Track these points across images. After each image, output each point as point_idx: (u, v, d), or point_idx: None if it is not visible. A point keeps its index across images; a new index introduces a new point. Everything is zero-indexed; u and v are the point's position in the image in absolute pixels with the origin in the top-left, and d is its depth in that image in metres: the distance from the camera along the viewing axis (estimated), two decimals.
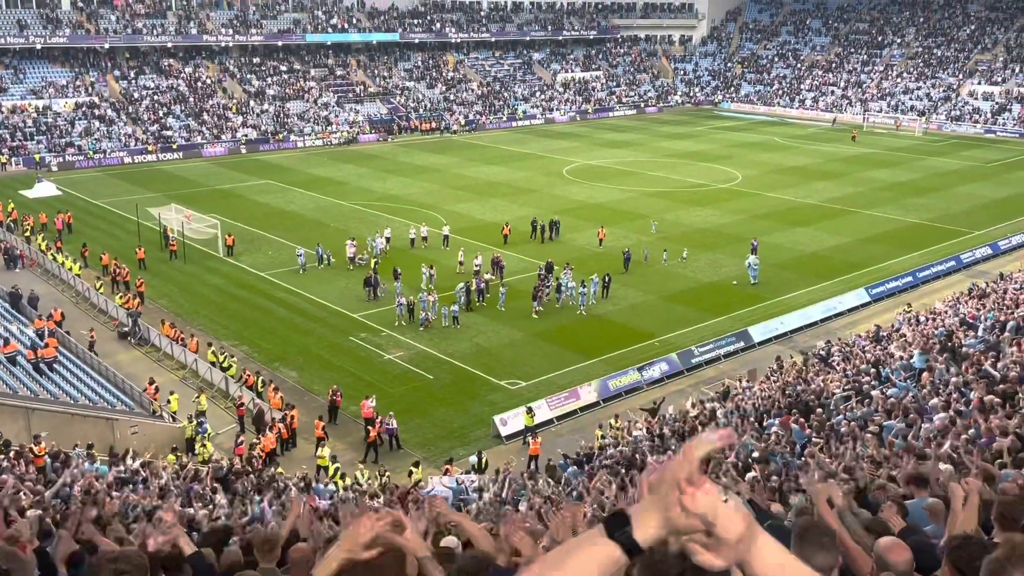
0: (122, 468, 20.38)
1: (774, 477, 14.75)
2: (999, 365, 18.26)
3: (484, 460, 24.04)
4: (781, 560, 1.78)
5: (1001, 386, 16.25)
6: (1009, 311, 24.98)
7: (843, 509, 5.59)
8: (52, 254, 41.43)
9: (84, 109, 70.94)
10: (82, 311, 36.31)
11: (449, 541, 6.75)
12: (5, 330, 29.74)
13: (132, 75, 77.35)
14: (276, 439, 25.34)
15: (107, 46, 76.53)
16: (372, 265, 38.81)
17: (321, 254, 40.61)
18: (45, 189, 55.13)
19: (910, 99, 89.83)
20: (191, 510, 14.80)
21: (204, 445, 24.66)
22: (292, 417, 26.21)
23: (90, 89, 73.74)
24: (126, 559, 4.25)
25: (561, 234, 45.03)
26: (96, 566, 4.32)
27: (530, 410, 26.79)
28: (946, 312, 28.81)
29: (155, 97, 75.37)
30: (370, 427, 25.57)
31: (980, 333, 22.83)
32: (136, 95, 75.07)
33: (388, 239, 43.03)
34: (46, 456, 20.67)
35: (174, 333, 32.24)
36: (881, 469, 12.03)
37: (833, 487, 4.72)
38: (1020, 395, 14.69)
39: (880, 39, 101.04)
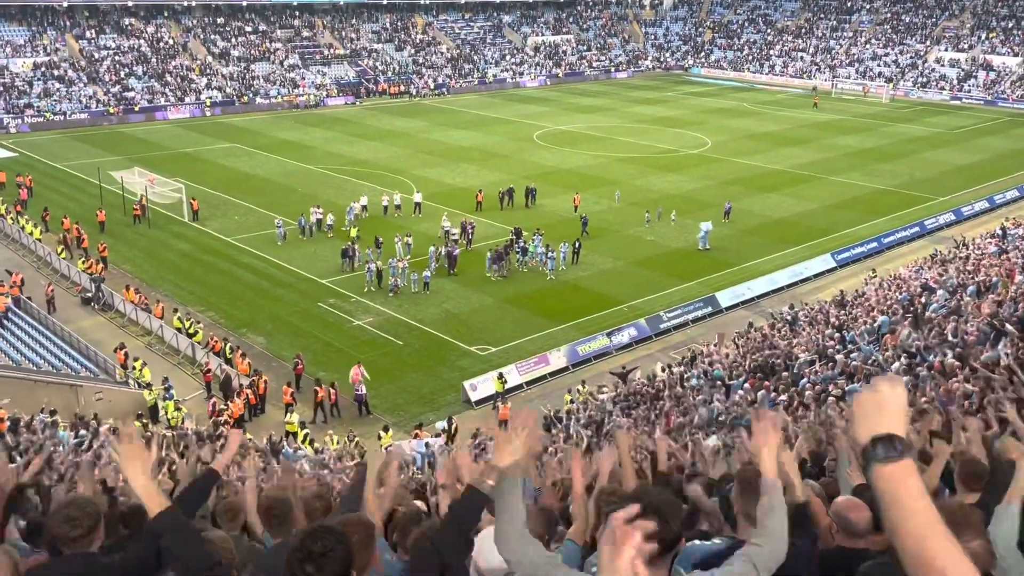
0: (86, 434, 20.18)
1: (737, 440, 14.95)
2: (959, 329, 18.58)
3: (455, 426, 24.12)
4: None
5: (959, 350, 16.56)
6: (970, 276, 25.40)
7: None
8: (12, 218, 40.57)
9: (43, 69, 69.12)
10: (44, 276, 35.66)
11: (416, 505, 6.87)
12: None
13: (92, 34, 75.38)
14: (244, 405, 25.22)
15: (65, 4, 74.38)
16: (352, 235, 38.08)
17: (303, 224, 39.46)
18: None
19: (878, 65, 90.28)
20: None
21: (177, 410, 24.46)
22: (265, 383, 26.09)
23: (48, 48, 71.80)
24: (78, 505, 4.25)
25: (536, 200, 44.76)
26: (52, 512, 4.31)
27: (501, 376, 26.89)
28: (910, 277, 29.24)
29: (116, 57, 73.59)
30: (318, 387, 25.70)
31: (940, 298, 23.20)
32: (96, 55, 73.23)
33: (364, 207, 42.04)
34: (8, 422, 20.39)
35: (139, 299, 31.80)
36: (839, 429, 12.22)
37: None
38: (975, 358, 14.96)
39: (849, 5, 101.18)
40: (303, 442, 23.05)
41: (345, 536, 3.17)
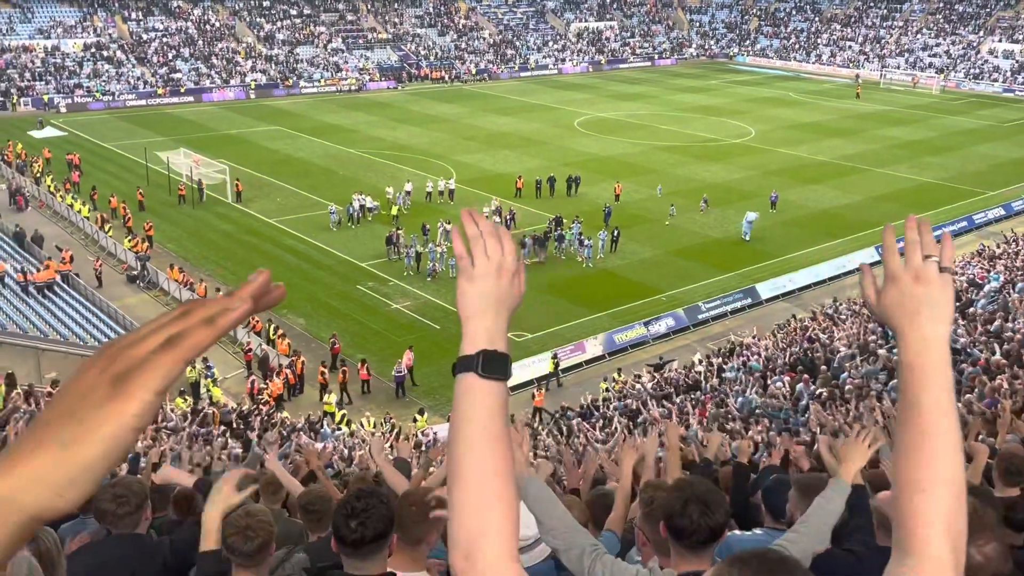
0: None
1: (772, 433, 14.84)
2: (1007, 326, 18.21)
3: None
4: None
5: (1007, 346, 16.24)
6: (1019, 272, 24.85)
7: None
8: (61, 195, 41.45)
9: (93, 50, 70.34)
10: (91, 253, 36.39)
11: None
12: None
13: (141, 16, 76.51)
14: (283, 384, 25.59)
15: None
16: (393, 212, 38.16)
17: (351, 212, 39.20)
18: (48, 132, 55.17)
19: (929, 56, 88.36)
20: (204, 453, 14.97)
21: (210, 389, 24.91)
22: (303, 363, 26.45)
23: (99, 30, 73.03)
24: (125, 484, 4.34)
25: (579, 189, 44.45)
26: (100, 490, 4.40)
27: (555, 356, 27.34)
28: (956, 272, 28.64)
29: (164, 40, 74.64)
30: (339, 369, 26.23)
31: (989, 293, 22.74)
32: (145, 37, 74.33)
33: (409, 192, 41.57)
34: None
35: (182, 278, 32.36)
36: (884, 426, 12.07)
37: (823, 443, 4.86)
38: None
39: None
40: (340, 422, 23.34)
41: (387, 497, 3.39)
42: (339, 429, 22.39)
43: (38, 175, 44.89)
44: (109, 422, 1.05)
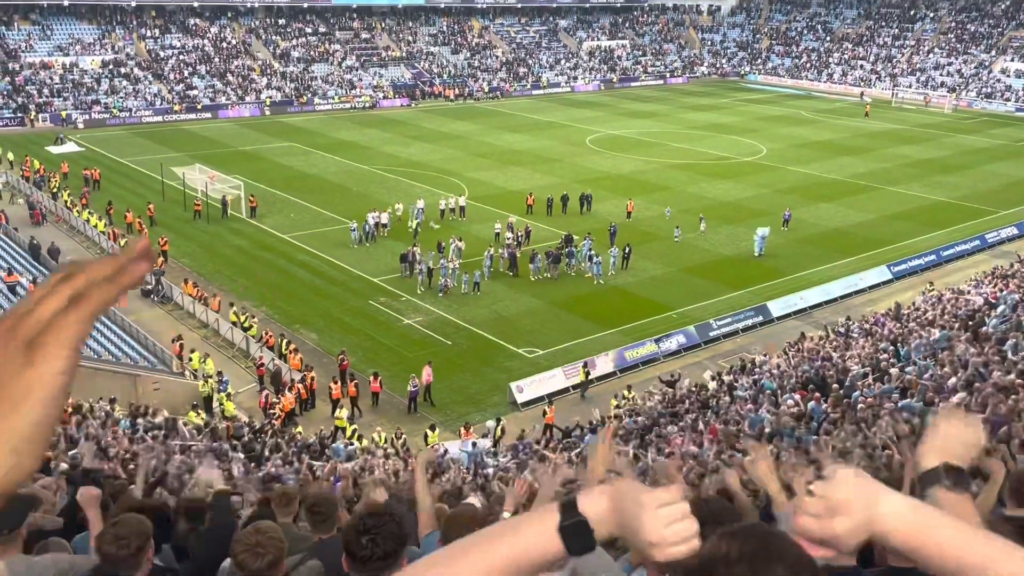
0: (143, 423, 20.76)
1: (783, 453, 14.82)
2: (1019, 346, 18.15)
3: (502, 426, 24.25)
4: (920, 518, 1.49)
5: (1021, 367, 16.19)
6: None
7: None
8: (77, 210, 41.85)
9: (111, 67, 71.16)
10: None
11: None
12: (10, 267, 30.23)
13: (158, 33, 77.39)
14: (295, 399, 25.70)
15: (134, 4, 76.48)
16: (412, 226, 38.55)
17: (368, 229, 39.05)
18: (66, 148, 55.77)
19: (940, 75, 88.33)
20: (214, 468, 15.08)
21: (223, 403, 25.04)
22: (312, 378, 26.56)
23: (117, 47, 73.89)
24: (127, 524, 4.18)
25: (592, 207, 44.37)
26: (101, 531, 4.32)
27: (586, 364, 27.58)
28: (968, 292, 28.60)
29: (181, 57, 75.44)
30: (351, 382, 26.36)
31: (1002, 313, 22.68)
32: (162, 54, 75.17)
33: (422, 209, 41.31)
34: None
35: (197, 292, 32.60)
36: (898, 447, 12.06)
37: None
38: None
39: (912, 13, 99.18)
40: (351, 438, 23.41)
41: (400, 516, 3.46)
42: (351, 444, 22.47)
43: (55, 190, 45.36)
44: (39, 386, 1.09)
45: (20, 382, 1.09)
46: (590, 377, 27.70)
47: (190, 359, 27.71)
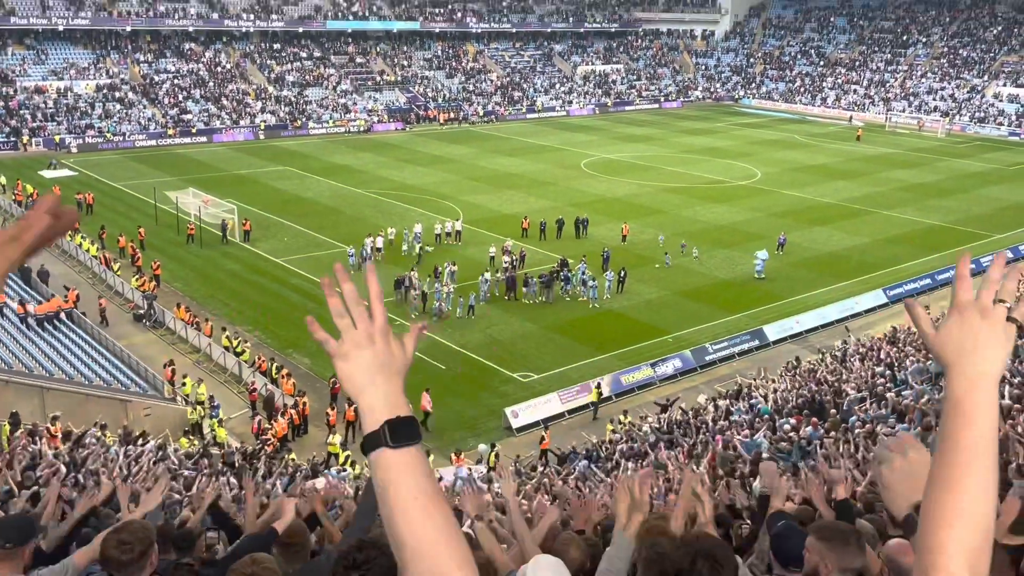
0: (133, 449, 20.47)
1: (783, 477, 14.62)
2: (1016, 369, 18.03)
3: (496, 451, 23.98)
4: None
5: (1018, 391, 16.06)
6: None
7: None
8: (69, 235, 41.68)
9: (105, 91, 71.29)
10: (99, 292, 36.50)
11: None
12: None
13: (153, 58, 77.63)
14: (288, 425, 25.43)
15: (129, 29, 76.82)
16: (416, 260, 38.14)
17: (365, 255, 38.29)
18: (59, 172, 55.70)
19: (933, 99, 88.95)
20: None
21: (215, 429, 24.76)
22: (305, 403, 26.30)
23: (111, 71, 74.07)
24: (130, 530, 4.27)
25: (588, 231, 44.19)
26: (106, 536, 4.35)
27: (599, 385, 27.67)
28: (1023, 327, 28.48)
29: (175, 81, 75.63)
30: (329, 410, 25.96)
31: None
32: (157, 78, 75.35)
33: (419, 234, 41.04)
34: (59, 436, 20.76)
35: (189, 317, 32.38)
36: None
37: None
38: None
39: (905, 38, 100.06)
40: (344, 463, 23.14)
41: (389, 548, 3.30)
42: (344, 470, 22.18)
43: None
44: None
45: None
46: (603, 396, 27.81)
47: (183, 384, 27.45)
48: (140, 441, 21.50)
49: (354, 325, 1.72)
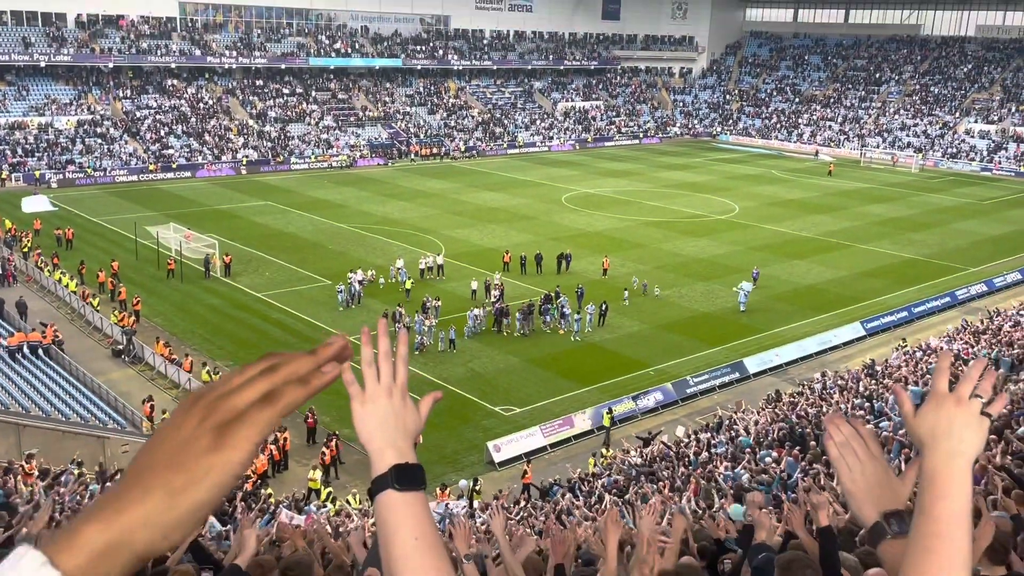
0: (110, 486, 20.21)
1: (762, 509, 14.68)
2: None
3: (479, 487, 23.88)
4: None
5: (994, 423, 16.26)
6: (1005, 349, 25.04)
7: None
8: (48, 270, 41.41)
9: (86, 127, 71.22)
10: (77, 328, 36.23)
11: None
12: None
13: (134, 94, 77.75)
14: (268, 461, 25.23)
15: (111, 65, 76.97)
16: (406, 294, 38.23)
17: (354, 291, 38.55)
18: (38, 203, 55.11)
19: (907, 135, 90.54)
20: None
21: None
22: (286, 439, 26.11)
23: (92, 108, 74.08)
24: None
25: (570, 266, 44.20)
26: None
27: (610, 410, 28.00)
28: (941, 347, 28.86)
29: (157, 116, 75.72)
30: (324, 449, 25.63)
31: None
32: (138, 114, 75.41)
33: (401, 268, 41.17)
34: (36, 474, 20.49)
35: (168, 352, 32.16)
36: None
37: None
38: (1011, 431, 14.68)
39: (878, 76, 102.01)
40: (326, 500, 22.96)
41: None
42: (324, 507, 22.01)
43: (26, 250, 44.93)
44: (216, 471, 1.14)
45: (202, 462, 1.15)
46: (614, 420, 28.14)
47: (162, 421, 27.18)
48: (117, 478, 21.26)
49: (378, 378, 1.87)
